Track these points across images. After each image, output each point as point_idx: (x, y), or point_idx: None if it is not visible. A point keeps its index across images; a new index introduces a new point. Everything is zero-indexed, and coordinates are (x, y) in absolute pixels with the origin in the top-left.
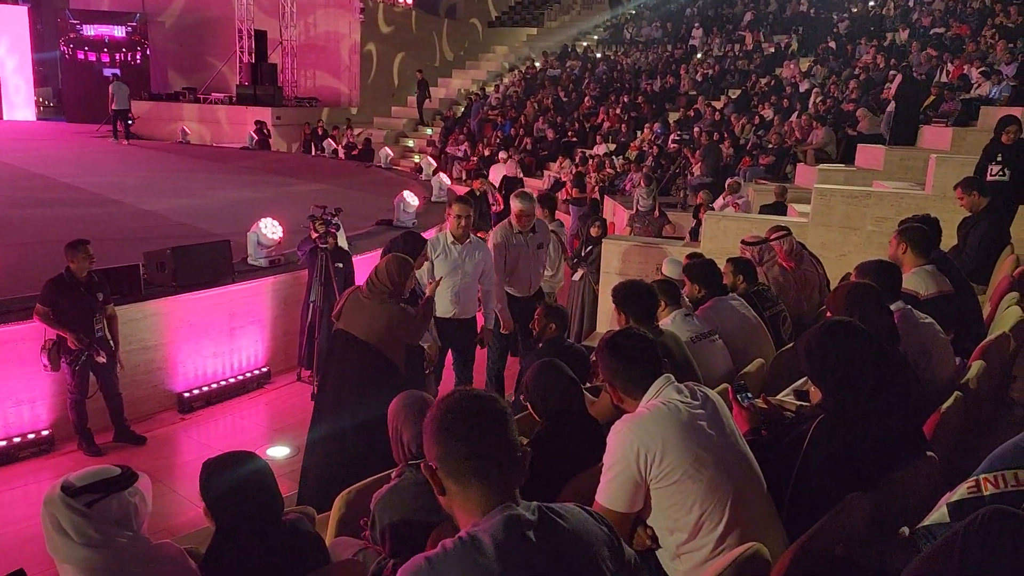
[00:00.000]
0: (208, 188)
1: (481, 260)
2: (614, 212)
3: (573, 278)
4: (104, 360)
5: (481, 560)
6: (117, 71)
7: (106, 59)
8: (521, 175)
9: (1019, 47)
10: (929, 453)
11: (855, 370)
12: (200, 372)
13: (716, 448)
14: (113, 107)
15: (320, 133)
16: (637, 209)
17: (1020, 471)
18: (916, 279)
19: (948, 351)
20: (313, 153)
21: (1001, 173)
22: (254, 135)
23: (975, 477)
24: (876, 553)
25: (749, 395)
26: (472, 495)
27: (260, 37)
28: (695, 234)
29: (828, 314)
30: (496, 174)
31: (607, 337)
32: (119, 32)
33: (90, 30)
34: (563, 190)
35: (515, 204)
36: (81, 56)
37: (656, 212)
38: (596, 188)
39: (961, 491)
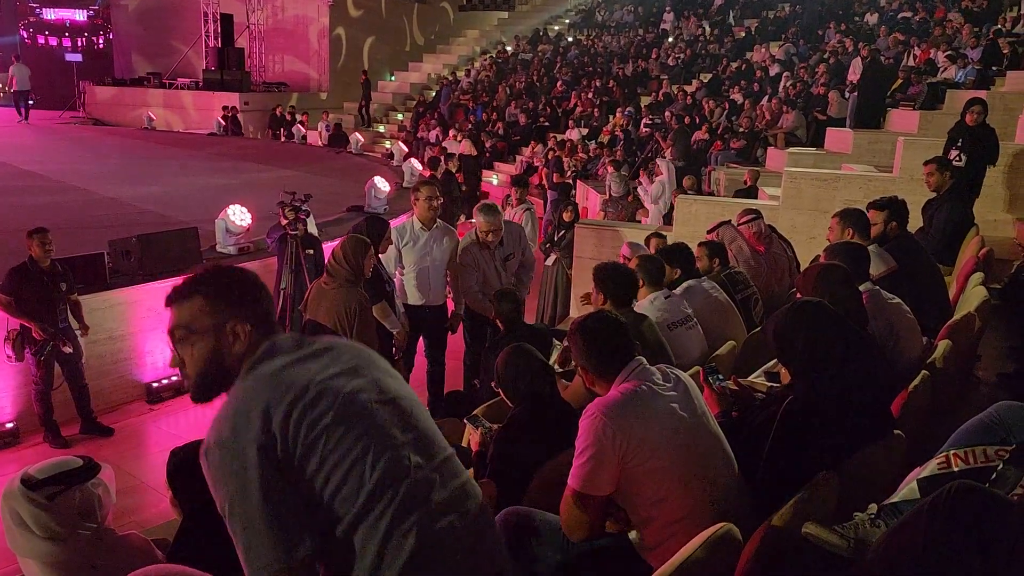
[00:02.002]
0: (175, 175)
1: (449, 246)
2: (587, 197)
3: (546, 263)
4: (70, 350)
5: None
6: (79, 56)
7: (68, 43)
8: (475, 152)
9: (984, 31)
10: (896, 431)
11: (823, 351)
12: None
13: (687, 430)
14: (14, 88)
15: (289, 119)
16: (610, 194)
17: (988, 447)
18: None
19: (916, 331)
20: (282, 139)
21: (958, 159)
22: (222, 121)
23: (944, 453)
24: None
25: (720, 377)
26: None
27: (226, 21)
28: (667, 218)
29: (798, 295)
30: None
31: (578, 320)
32: (80, 16)
33: (50, 14)
34: (536, 175)
35: (479, 220)
36: (42, 41)
37: (629, 197)
38: (569, 173)
39: (931, 467)
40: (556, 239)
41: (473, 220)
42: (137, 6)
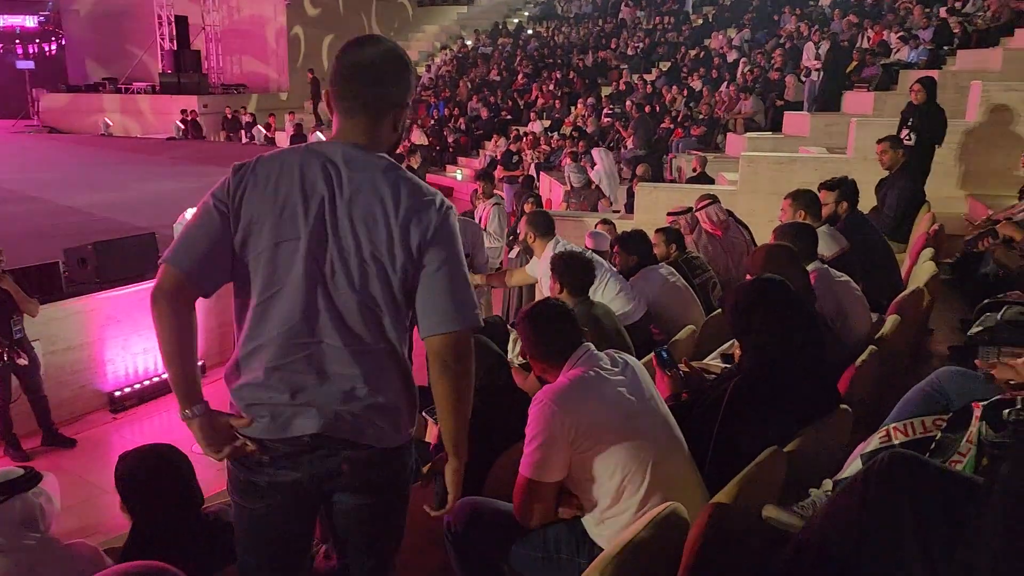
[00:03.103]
0: (133, 181)
1: None
2: (551, 188)
3: (509, 255)
4: (25, 362)
5: None
6: (31, 63)
7: (19, 51)
8: (426, 141)
9: (935, 12)
10: (843, 406)
11: (779, 329)
12: (131, 370)
13: (636, 413)
14: None
15: (251, 120)
16: (571, 186)
17: (926, 418)
18: (819, 241)
19: (864, 307)
20: (243, 141)
21: (908, 137)
22: (181, 124)
23: (886, 428)
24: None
25: (667, 356)
26: None
27: (181, 23)
28: (630, 207)
29: (748, 276)
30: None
31: (526, 310)
32: (30, 22)
33: None
34: (499, 168)
35: None
36: None
37: (592, 186)
38: (532, 165)
39: (874, 442)
40: (519, 231)
41: None
42: (89, 11)
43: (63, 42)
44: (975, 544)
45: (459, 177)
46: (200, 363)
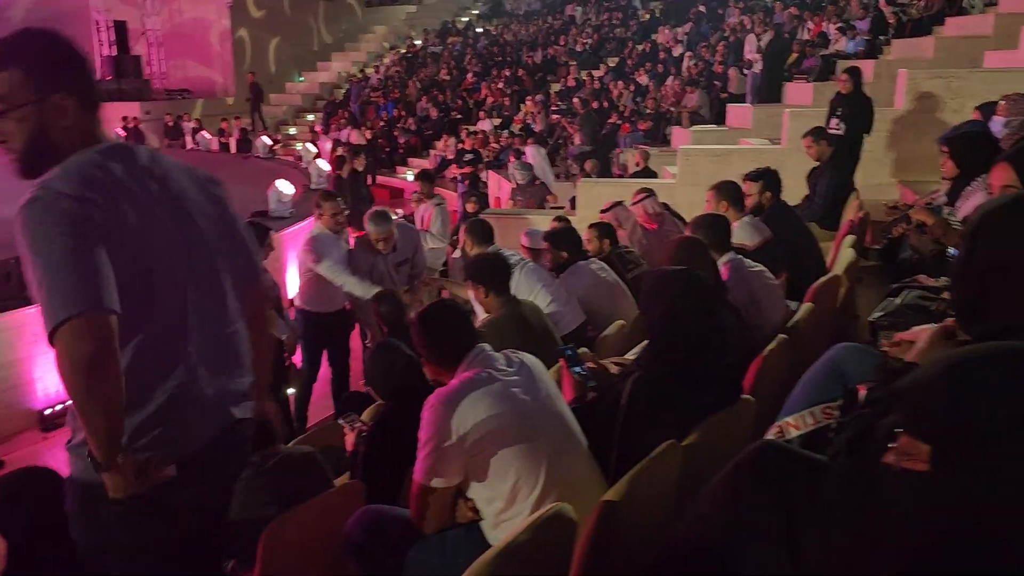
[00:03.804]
0: None
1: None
2: (500, 186)
3: (453, 256)
4: None
5: None
6: None
7: None
8: (364, 141)
9: (871, 2)
10: (745, 396)
11: (681, 322)
12: (61, 387)
13: (531, 413)
14: None
15: (197, 126)
16: (516, 183)
17: (816, 408)
18: (742, 232)
19: (778, 296)
20: (188, 147)
21: (837, 127)
22: (122, 132)
23: (778, 423)
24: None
25: (572, 355)
26: None
27: (120, 28)
28: (575, 203)
29: None
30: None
31: (419, 312)
32: None
33: None
34: (450, 168)
35: (370, 229)
36: None
37: (537, 183)
38: (482, 163)
39: (768, 437)
40: (458, 238)
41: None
42: (23, 18)
43: None
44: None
45: (409, 178)
46: None
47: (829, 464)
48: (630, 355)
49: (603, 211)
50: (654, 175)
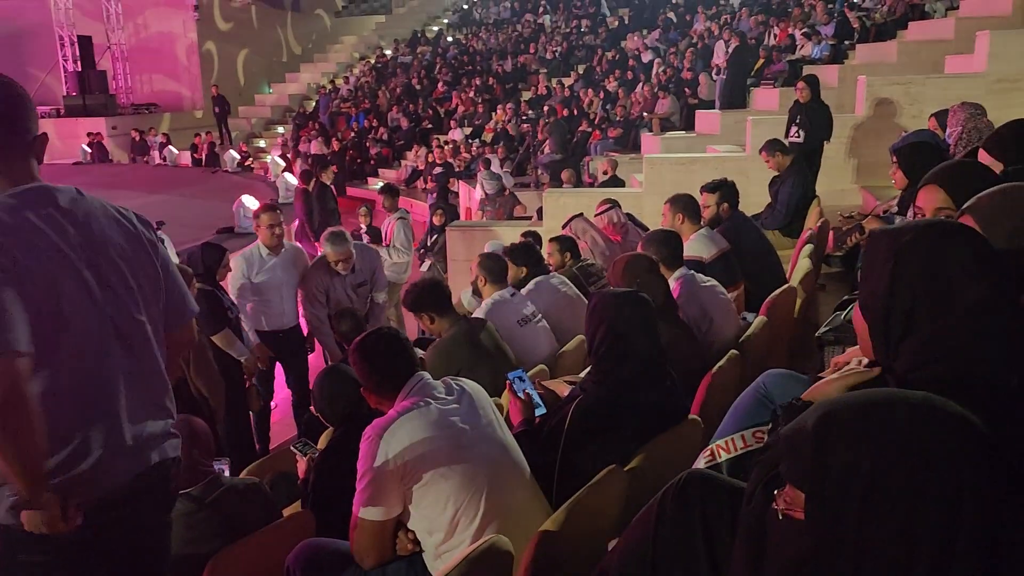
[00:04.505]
0: None
1: (300, 268)
2: (470, 197)
3: (420, 268)
4: None
5: None
6: None
7: None
8: (326, 151)
9: (836, 7)
10: (692, 416)
11: (622, 344)
12: None
13: (469, 442)
14: None
15: (165, 141)
16: (485, 193)
17: (746, 432)
18: (698, 244)
19: (731, 311)
20: (156, 162)
21: (796, 135)
22: (87, 148)
23: (710, 446)
24: None
25: (522, 377)
26: None
27: (85, 43)
28: (542, 213)
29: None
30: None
31: (357, 340)
32: None
33: None
34: (421, 179)
35: (327, 250)
36: None
37: (506, 193)
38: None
39: (700, 463)
40: (429, 243)
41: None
42: None
43: None
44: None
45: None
46: None
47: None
48: (584, 373)
49: (564, 225)
50: (622, 184)
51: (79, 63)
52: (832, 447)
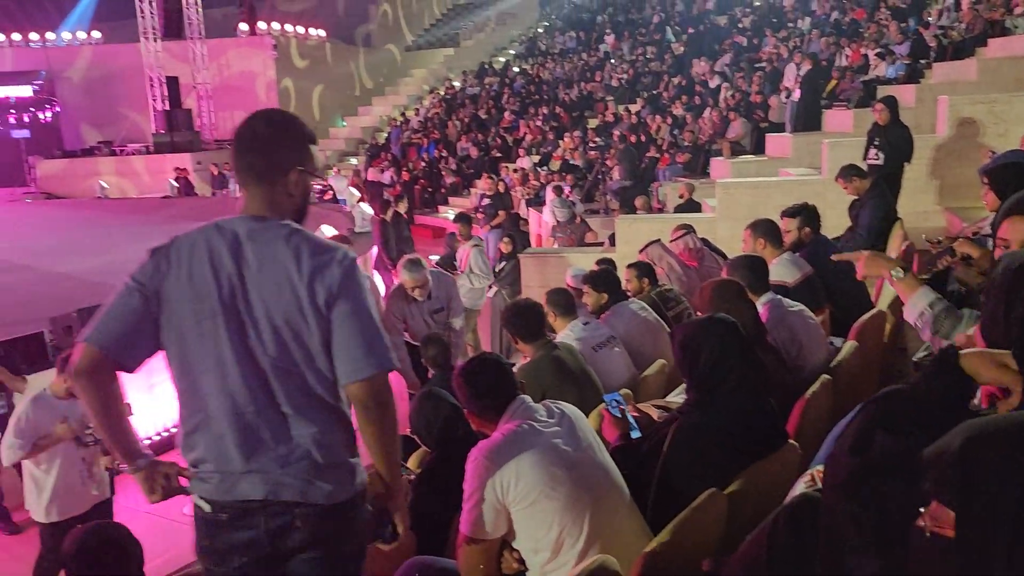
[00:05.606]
0: (125, 242)
1: (375, 295)
2: (540, 224)
3: (488, 295)
4: None
5: None
6: (26, 132)
7: (13, 120)
8: (393, 180)
9: (910, 26)
10: (791, 442)
11: (725, 368)
12: None
13: (572, 464)
14: None
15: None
16: (556, 220)
17: None
18: (782, 269)
19: (820, 335)
20: (238, 195)
21: (876, 157)
22: (175, 182)
23: (810, 471)
24: None
25: (619, 401)
26: None
27: (172, 83)
28: (614, 240)
29: (697, 313)
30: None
31: (461, 365)
32: (25, 91)
33: None
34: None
35: (404, 277)
36: None
37: (577, 220)
38: (522, 201)
39: (800, 487)
40: (497, 271)
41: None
42: (82, 77)
43: (57, 109)
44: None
45: (450, 217)
46: None
47: (863, 516)
48: (671, 397)
49: (640, 250)
50: (698, 208)
51: (167, 102)
52: (980, 470)
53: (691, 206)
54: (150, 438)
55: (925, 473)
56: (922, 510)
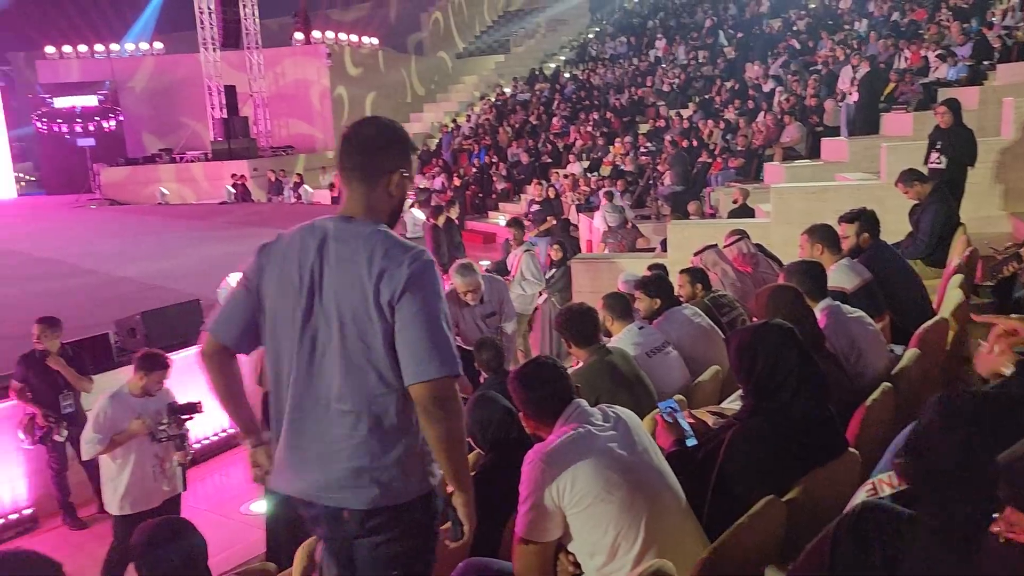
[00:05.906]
0: (184, 247)
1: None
2: (590, 229)
3: (538, 302)
4: (60, 438)
5: None
6: (91, 140)
7: (80, 129)
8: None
9: (972, 27)
10: (851, 449)
11: (782, 374)
12: None
13: (628, 468)
14: None
15: (299, 180)
16: (608, 225)
17: None
18: (840, 275)
19: (880, 342)
20: (293, 201)
21: (938, 160)
22: (232, 189)
23: (872, 480)
24: None
25: (674, 408)
26: None
27: (230, 92)
28: (666, 245)
29: (753, 319)
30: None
31: (517, 369)
32: (90, 101)
33: (61, 102)
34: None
35: (456, 281)
36: (56, 128)
37: (628, 225)
38: (572, 207)
39: (861, 495)
40: (548, 278)
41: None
42: (144, 87)
43: (121, 118)
44: None
45: (501, 222)
46: None
47: (928, 522)
48: (726, 404)
49: (695, 255)
50: (751, 213)
51: (224, 110)
52: None
53: (744, 211)
54: (217, 435)
55: (999, 479)
56: (996, 516)
